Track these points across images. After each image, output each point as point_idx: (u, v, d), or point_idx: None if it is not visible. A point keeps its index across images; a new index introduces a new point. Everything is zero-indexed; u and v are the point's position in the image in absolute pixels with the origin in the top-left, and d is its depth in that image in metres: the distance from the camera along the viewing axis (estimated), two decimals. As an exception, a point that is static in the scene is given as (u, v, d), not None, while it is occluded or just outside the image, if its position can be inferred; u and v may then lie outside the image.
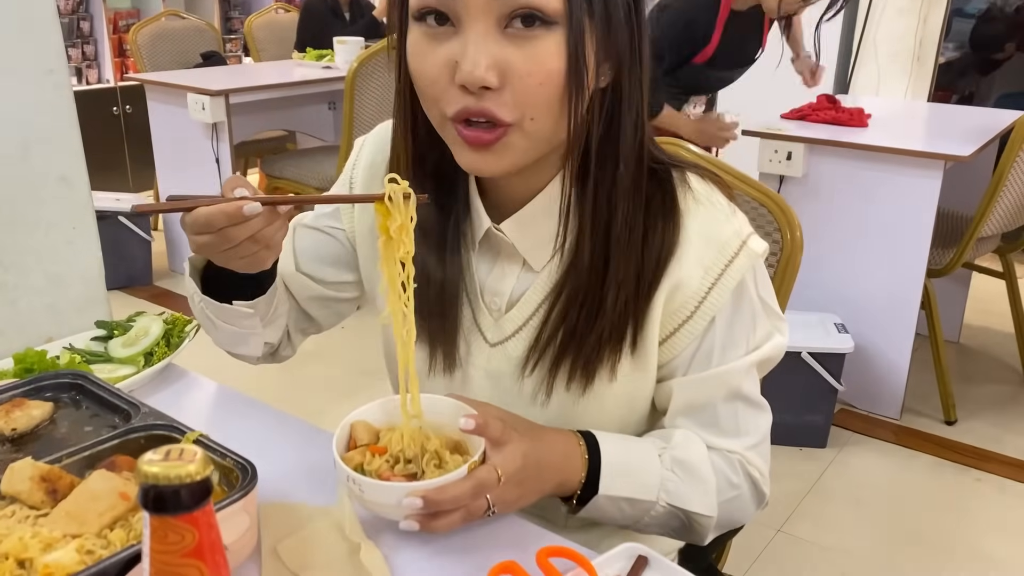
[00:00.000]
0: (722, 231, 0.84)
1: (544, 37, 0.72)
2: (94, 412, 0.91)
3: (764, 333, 0.89)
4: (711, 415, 0.89)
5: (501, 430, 0.77)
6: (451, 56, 0.73)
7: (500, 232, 0.86)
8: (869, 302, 2.54)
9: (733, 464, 0.89)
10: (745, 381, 0.88)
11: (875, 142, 2.49)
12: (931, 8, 3.45)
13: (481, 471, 0.74)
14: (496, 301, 0.89)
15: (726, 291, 0.84)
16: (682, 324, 0.85)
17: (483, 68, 0.71)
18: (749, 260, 0.84)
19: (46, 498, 0.74)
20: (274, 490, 0.85)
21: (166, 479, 0.42)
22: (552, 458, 0.82)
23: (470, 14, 0.72)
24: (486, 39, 0.72)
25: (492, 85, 0.72)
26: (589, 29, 0.73)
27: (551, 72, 0.73)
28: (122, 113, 4.57)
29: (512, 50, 0.72)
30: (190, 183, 3.55)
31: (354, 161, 0.98)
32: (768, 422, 0.92)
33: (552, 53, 0.72)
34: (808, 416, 2.43)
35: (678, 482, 0.86)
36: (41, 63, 1.13)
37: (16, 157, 1.13)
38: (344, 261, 1.00)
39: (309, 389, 2.58)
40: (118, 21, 4.77)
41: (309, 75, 3.63)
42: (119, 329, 1.17)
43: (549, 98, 0.74)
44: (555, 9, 0.71)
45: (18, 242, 1.15)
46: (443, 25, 0.74)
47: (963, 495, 2.31)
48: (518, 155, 0.78)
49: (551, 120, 0.76)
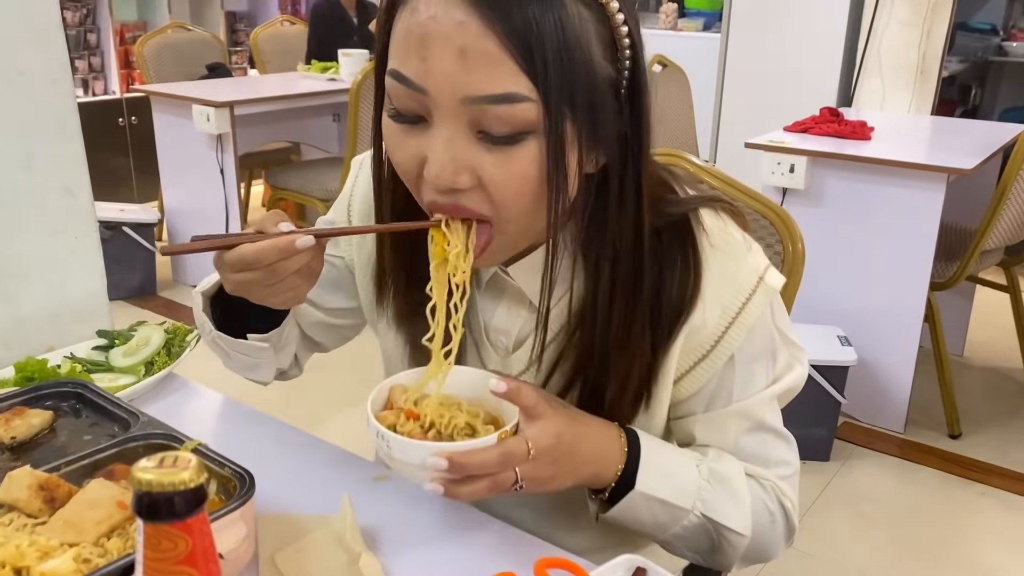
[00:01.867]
0: (739, 270, 0.81)
1: (520, 143, 0.67)
2: (94, 421, 0.91)
3: (784, 365, 0.87)
4: (737, 450, 0.87)
5: (535, 400, 0.74)
6: (421, 151, 0.69)
7: (507, 276, 0.84)
8: (872, 315, 2.54)
9: (768, 492, 0.87)
10: (767, 413, 0.86)
11: (878, 155, 2.49)
12: (934, 21, 3.45)
13: (511, 441, 0.72)
14: (503, 340, 0.88)
15: (744, 329, 0.81)
16: (699, 362, 0.83)
17: (450, 172, 0.68)
18: (766, 296, 0.82)
19: (44, 506, 0.74)
20: (273, 500, 0.85)
21: (159, 486, 0.42)
22: (589, 444, 0.78)
23: (440, 115, 0.67)
24: (455, 142, 0.67)
25: (463, 188, 0.69)
26: (571, 128, 0.67)
27: (528, 180, 0.68)
28: (127, 124, 4.58)
29: (485, 155, 0.68)
30: (195, 194, 3.56)
31: (351, 189, 0.97)
32: (797, 457, 0.90)
33: (528, 160, 0.67)
34: (811, 429, 2.42)
35: (715, 493, 0.83)
36: (46, 73, 1.14)
37: (20, 166, 1.14)
38: (344, 288, 1.00)
39: (309, 399, 2.58)
40: (125, 33, 4.80)
41: (314, 87, 3.65)
42: (120, 338, 1.17)
43: (526, 203, 0.70)
44: (529, 120, 0.66)
45: (21, 251, 1.15)
46: (416, 124, 0.70)
47: (967, 509, 2.30)
48: (504, 252, 0.76)
49: (531, 220, 0.72)
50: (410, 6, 0.67)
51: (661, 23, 5.07)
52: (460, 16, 0.64)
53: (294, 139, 4.21)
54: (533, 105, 0.66)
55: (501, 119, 0.66)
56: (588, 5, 0.67)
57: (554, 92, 0.65)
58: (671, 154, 1.21)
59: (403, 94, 0.69)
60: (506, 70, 0.65)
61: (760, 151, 2.57)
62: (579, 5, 0.66)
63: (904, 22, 3.50)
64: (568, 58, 0.65)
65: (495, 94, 0.65)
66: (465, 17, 0.64)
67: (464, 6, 0.64)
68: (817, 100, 3.25)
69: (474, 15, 0.64)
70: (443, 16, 0.64)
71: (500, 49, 0.64)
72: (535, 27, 0.63)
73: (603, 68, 0.69)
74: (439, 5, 0.65)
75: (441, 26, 0.65)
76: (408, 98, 0.69)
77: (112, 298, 1.27)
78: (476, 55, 0.64)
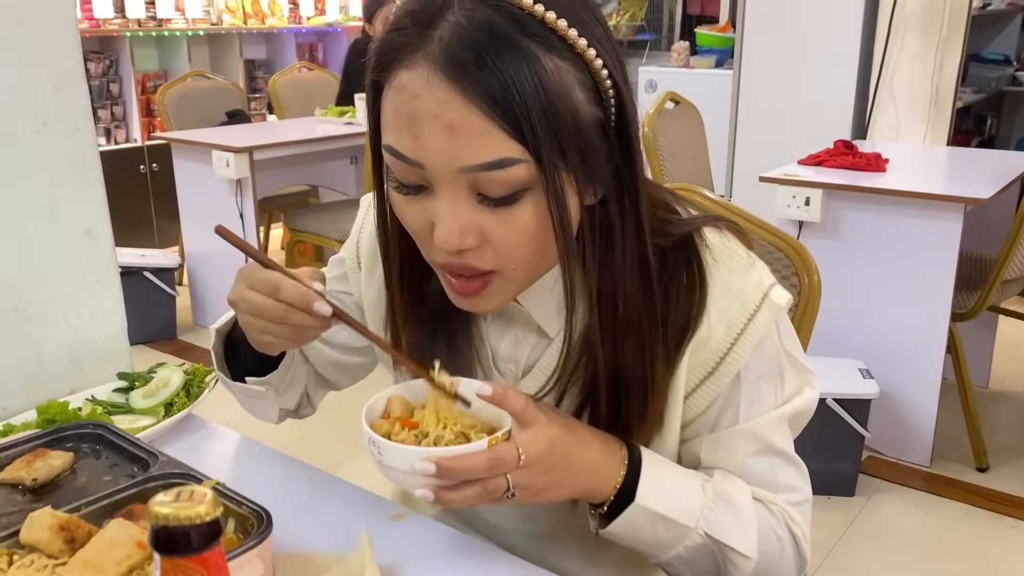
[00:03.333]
0: (743, 285, 0.81)
1: (519, 201, 0.69)
2: (114, 462, 0.91)
3: (793, 387, 0.85)
4: (744, 473, 0.85)
5: (524, 404, 0.73)
6: (429, 216, 0.72)
7: (516, 302, 0.84)
8: (894, 347, 2.52)
9: (777, 517, 0.85)
10: (776, 436, 0.85)
11: (893, 186, 2.48)
12: (946, 54, 3.46)
13: (501, 447, 0.71)
14: (511, 368, 0.88)
15: (749, 345, 0.81)
16: (705, 379, 0.82)
17: (457, 237, 0.70)
18: (772, 313, 0.81)
19: (64, 547, 0.74)
20: (291, 539, 0.85)
21: (176, 520, 0.42)
22: (586, 454, 0.77)
23: (439, 185, 0.70)
24: (458, 208, 0.70)
25: (470, 247, 0.71)
26: (567, 176, 0.69)
27: (529, 234, 0.71)
28: (148, 171, 4.66)
29: (488, 216, 0.70)
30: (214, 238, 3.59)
31: (359, 227, 0.98)
32: (808, 485, 0.88)
33: (529, 215, 0.70)
34: (835, 464, 2.39)
35: (719, 513, 0.81)
36: (69, 122, 1.17)
37: (44, 212, 1.16)
38: None
39: (326, 439, 2.58)
40: (146, 82, 4.90)
41: (331, 131, 3.70)
42: (140, 380, 1.18)
43: (530, 253, 0.72)
44: (525, 179, 0.68)
45: (44, 295, 1.17)
46: (419, 192, 0.72)
47: (997, 544, 2.25)
48: (507, 295, 0.77)
49: (539, 264, 0.75)
50: (395, 86, 0.69)
51: (673, 61, 5.12)
52: (442, 94, 0.65)
53: (312, 182, 4.26)
54: (526, 165, 0.67)
55: (497, 183, 0.68)
56: (565, 58, 0.68)
57: (545, 150, 0.66)
58: (686, 189, 1.21)
59: (402, 168, 0.71)
60: (494, 139, 0.66)
61: (775, 185, 2.57)
62: (555, 59, 0.67)
63: (916, 55, 3.51)
64: (553, 114, 0.66)
65: (488, 162, 0.67)
66: (447, 95, 0.65)
67: (444, 83, 0.65)
68: (831, 133, 3.25)
69: (455, 91, 0.65)
70: (426, 95, 0.66)
71: (485, 120, 0.65)
72: (516, 92, 0.65)
73: (588, 112, 0.70)
74: (422, 85, 0.66)
75: (426, 105, 0.66)
76: (407, 172, 0.71)
77: (132, 342, 1.28)
78: (463, 129, 0.66)
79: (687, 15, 5.83)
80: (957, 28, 3.42)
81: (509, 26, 0.65)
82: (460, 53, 0.65)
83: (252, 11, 5.31)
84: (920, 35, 3.49)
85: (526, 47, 0.65)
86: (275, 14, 5.45)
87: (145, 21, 4.74)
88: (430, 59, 0.66)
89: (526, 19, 0.66)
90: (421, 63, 0.66)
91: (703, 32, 5.17)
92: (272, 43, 5.68)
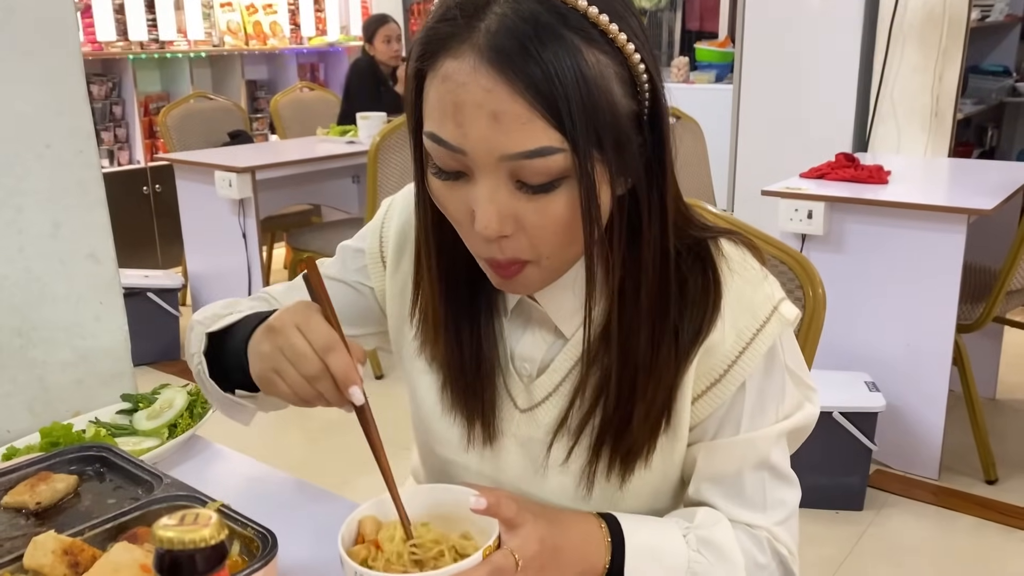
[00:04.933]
0: (755, 296, 0.83)
1: (556, 189, 0.71)
2: (118, 484, 0.91)
3: (794, 402, 0.87)
4: (737, 485, 0.86)
5: (515, 511, 0.74)
6: (469, 203, 0.73)
7: (533, 300, 0.85)
8: (899, 359, 2.51)
9: (760, 542, 0.86)
10: (774, 451, 0.86)
11: (895, 198, 2.48)
12: (945, 66, 3.47)
13: (497, 556, 0.71)
14: (527, 367, 0.88)
15: (757, 355, 0.82)
16: (712, 385, 0.84)
17: (496, 223, 0.71)
18: (780, 326, 0.83)
19: (68, 571, 0.74)
20: (297, 561, 0.85)
21: (180, 543, 0.42)
22: (571, 541, 0.78)
23: (480, 172, 0.71)
24: (497, 195, 0.71)
25: (508, 234, 0.73)
26: (601, 166, 0.71)
27: (564, 222, 0.72)
28: (152, 192, 4.68)
29: (525, 204, 0.72)
30: (218, 258, 3.61)
31: (382, 220, 0.98)
32: (797, 498, 0.89)
33: (563, 204, 0.71)
34: (843, 478, 2.38)
35: (705, 563, 0.82)
36: (72, 144, 1.17)
37: (47, 235, 1.16)
38: (366, 315, 0.99)
39: (333, 460, 2.57)
40: (149, 104, 4.92)
41: (333, 150, 3.71)
42: (144, 402, 1.18)
43: (563, 241, 0.74)
44: (563, 168, 0.70)
45: (47, 318, 1.17)
46: (459, 179, 0.73)
47: (1009, 556, 2.23)
48: (544, 281, 0.79)
49: (569, 252, 0.76)
50: (440, 75, 0.70)
51: (673, 77, 5.13)
52: (487, 83, 0.67)
53: (315, 201, 4.26)
54: (564, 155, 0.69)
55: (537, 171, 0.69)
56: (605, 51, 0.70)
57: (582, 140, 0.68)
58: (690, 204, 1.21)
59: (443, 155, 0.72)
60: (537, 127, 0.68)
61: (777, 198, 2.57)
62: (596, 52, 0.69)
63: (915, 67, 3.52)
64: (592, 106, 0.68)
65: (529, 150, 0.68)
66: (492, 84, 0.67)
67: (491, 73, 0.67)
68: (832, 146, 3.26)
69: (500, 80, 0.67)
70: (472, 84, 0.68)
71: (529, 109, 0.67)
72: (558, 83, 0.67)
73: (625, 105, 0.72)
74: (467, 74, 0.68)
75: (472, 94, 0.68)
76: (448, 158, 0.72)
77: (136, 363, 1.28)
78: (508, 117, 0.67)
79: (686, 31, 5.85)
80: (956, 40, 3.43)
81: (553, 19, 0.67)
82: (506, 43, 0.67)
83: (253, 32, 5.34)
84: (919, 47, 3.50)
85: (569, 40, 0.67)
86: (276, 35, 5.48)
87: (147, 43, 4.77)
88: (476, 49, 0.68)
89: (569, 13, 0.68)
90: (467, 53, 0.68)
91: (702, 47, 5.19)
92: (273, 64, 5.71)
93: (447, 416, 0.91)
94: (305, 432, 2.91)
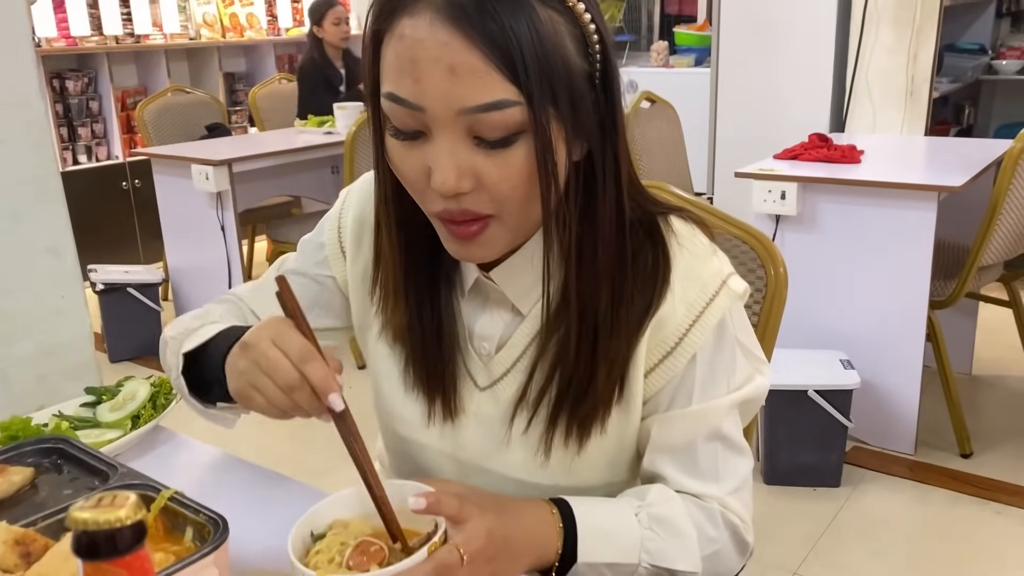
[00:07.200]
0: (704, 270, 0.85)
1: (513, 144, 0.72)
2: (75, 475, 0.91)
3: (745, 375, 0.88)
4: (690, 456, 0.87)
5: (458, 507, 0.74)
6: (425, 162, 0.74)
7: (489, 279, 0.86)
8: (874, 337, 2.53)
9: (712, 515, 0.87)
10: (726, 421, 0.87)
11: (867, 177, 2.50)
12: (920, 45, 3.49)
13: (442, 552, 0.71)
14: (485, 345, 0.89)
15: (707, 328, 0.84)
16: (663, 359, 0.85)
17: (454, 178, 0.72)
18: (729, 299, 0.85)
19: (20, 561, 0.74)
20: (258, 550, 0.85)
21: (95, 524, 0.42)
22: (521, 530, 0.79)
23: (438, 128, 0.72)
24: (456, 150, 0.72)
25: (466, 191, 0.73)
26: (556, 123, 0.73)
27: (522, 176, 0.73)
28: (131, 188, 4.65)
29: (482, 159, 0.73)
30: (197, 253, 3.60)
31: (340, 209, 0.99)
32: (748, 467, 0.91)
33: (521, 159, 0.73)
34: (820, 455, 2.39)
35: (658, 540, 0.84)
36: (28, 136, 1.17)
37: (4, 229, 1.16)
38: (329, 308, 1.00)
39: (313, 449, 2.58)
40: (126, 99, 4.89)
41: (311, 141, 3.71)
42: (107, 394, 1.18)
43: (523, 196, 0.75)
44: (519, 121, 0.71)
45: (8, 313, 1.17)
46: (417, 139, 0.74)
47: (983, 529, 2.26)
48: (504, 243, 0.80)
49: (529, 208, 0.77)
50: (396, 33, 0.72)
51: (653, 61, 5.14)
52: (444, 37, 0.69)
53: (294, 193, 4.25)
54: (520, 108, 0.71)
55: (494, 125, 0.71)
56: (557, 10, 0.72)
57: (537, 93, 0.70)
58: (654, 186, 1.22)
59: (401, 114, 0.73)
60: (493, 80, 0.70)
61: (751, 180, 2.58)
62: (549, 10, 0.71)
63: (890, 47, 3.53)
64: (546, 60, 0.70)
65: (486, 103, 0.70)
66: (449, 38, 0.69)
67: (447, 27, 0.69)
68: (809, 127, 3.26)
69: (457, 34, 0.69)
70: (429, 39, 0.69)
71: (485, 62, 0.69)
72: (513, 36, 0.69)
73: (578, 64, 0.74)
74: (424, 29, 0.70)
75: (428, 49, 0.70)
76: (407, 116, 0.73)
77: (118, 359, 1.28)
78: (464, 70, 0.69)
79: (665, 15, 5.84)
80: (930, 19, 3.45)
81: None
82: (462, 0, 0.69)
83: (230, 24, 5.31)
84: (893, 27, 3.51)
85: None
86: (253, 27, 5.45)
87: (123, 38, 4.74)
88: (432, 6, 0.70)
89: None
90: (423, 9, 0.70)
91: (681, 31, 5.19)
92: (251, 56, 5.67)
93: (408, 395, 0.92)
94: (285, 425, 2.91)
